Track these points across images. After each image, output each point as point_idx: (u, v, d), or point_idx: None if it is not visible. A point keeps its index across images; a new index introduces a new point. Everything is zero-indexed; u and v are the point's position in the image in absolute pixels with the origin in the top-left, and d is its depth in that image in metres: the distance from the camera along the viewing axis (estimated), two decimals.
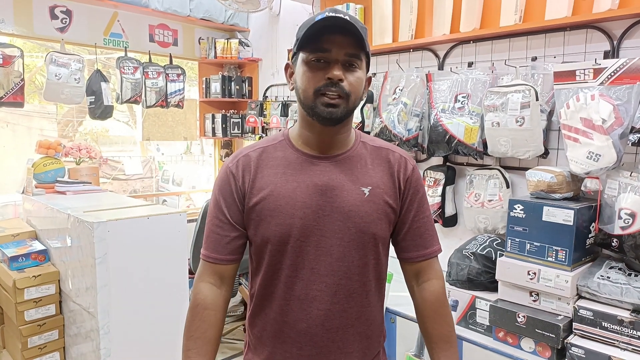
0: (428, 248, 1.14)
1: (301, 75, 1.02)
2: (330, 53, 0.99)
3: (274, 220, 1.04)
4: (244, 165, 1.09)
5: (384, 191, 1.08)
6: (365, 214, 1.05)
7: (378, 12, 2.69)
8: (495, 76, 2.21)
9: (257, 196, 1.06)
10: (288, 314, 1.06)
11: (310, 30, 0.98)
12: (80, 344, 2.38)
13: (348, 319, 1.07)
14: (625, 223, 1.67)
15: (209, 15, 3.71)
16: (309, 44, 1.00)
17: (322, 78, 0.99)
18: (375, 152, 1.12)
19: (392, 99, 2.51)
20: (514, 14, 2.10)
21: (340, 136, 1.08)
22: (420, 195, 1.13)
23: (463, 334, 1.96)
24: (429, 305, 1.14)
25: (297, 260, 1.05)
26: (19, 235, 2.69)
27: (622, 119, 1.70)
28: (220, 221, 1.09)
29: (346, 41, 0.98)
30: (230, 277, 1.13)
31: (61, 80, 2.99)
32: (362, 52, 1.01)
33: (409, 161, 1.13)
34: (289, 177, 1.06)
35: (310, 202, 1.04)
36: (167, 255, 2.36)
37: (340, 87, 0.99)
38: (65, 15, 3.14)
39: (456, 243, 2.29)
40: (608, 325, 1.61)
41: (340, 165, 1.07)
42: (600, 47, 1.94)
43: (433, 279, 1.14)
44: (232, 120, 3.93)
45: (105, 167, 9.29)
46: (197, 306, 1.10)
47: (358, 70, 1.02)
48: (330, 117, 1.00)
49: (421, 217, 1.13)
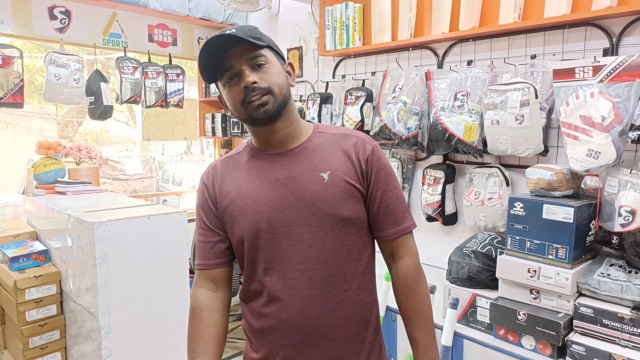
0: (399, 225, 1.15)
1: (226, 98, 1.10)
2: (235, 67, 1.05)
3: (243, 219, 1.10)
4: (213, 174, 1.18)
5: (344, 172, 1.10)
6: (328, 196, 1.08)
7: (377, 10, 2.69)
8: (495, 74, 2.21)
9: (226, 199, 1.13)
10: (271, 305, 1.10)
11: (207, 60, 1.06)
12: (82, 344, 2.38)
13: (329, 303, 1.08)
14: (625, 220, 1.67)
15: (208, 15, 3.71)
16: (215, 71, 1.07)
17: (240, 90, 1.05)
18: (333, 139, 1.15)
19: (392, 97, 2.51)
20: (513, 12, 2.10)
21: (286, 130, 1.12)
22: (384, 173, 1.14)
23: (463, 331, 1.96)
24: (400, 281, 1.17)
25: (271, 252, 1.09)
26: (19, 235, 2.69)
27: (622, 117, 1.70)
28: (202, 229, 1.19)
29: (241, 50, 1.05)
30: (224, 280, 1.19)
31: (60, 81, 2.99)
32: (262, 49, 1.07)
33: (367, 142, 1.15)
34: (252, 177, 1.13)
35: (273, 195, 1.09)
36: (168, 254, 2.36)
37: (258, 89, 1.05)
38: (64, 15, 3.14)
39: (456, 241, 2.29)
40: (608, 323, 1.61)
41: (298, 157, 1.12)
42: (600, 45, 1.94)
43: (406, 256, 1.17)
44: (232, 120, 3.93)
45: (105, 167, 9.30)
46: (194, 310, 1.17)
47: (267, 65, 1.07)
48: (266, 115, 1.06)
49: (389, 195, 1.14)
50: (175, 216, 2.40)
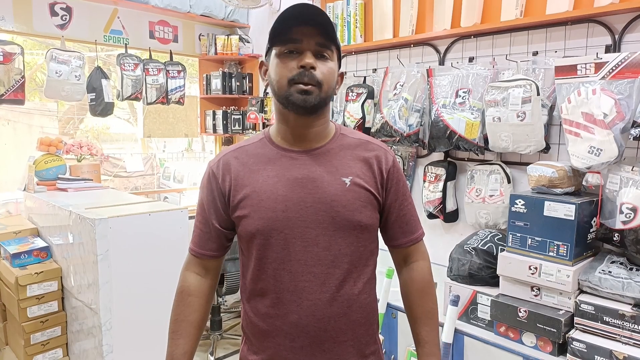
0: (414, 233, 1.19)
1: (274, 67, 1.05)
2: (301, 43, 1.01)
3: (257, 215, 1.07)
4: (225, 166, 1.13)
5: (364, 180, 1.10)
6: (347, 202, 1.07)
7: (378, 7, 2.68)
8: (496, 71, 2.20)
9: (241, 193, 1.09)
10: (279, 306, 1.08)
11: (279, 23, 1.01)
12: (83, 340, 2.39)
13: (339, 307, 1.08)
14: (627, 218, 1.67)
15: (209, 12, 3.71)
16: (279, 37, 1.03)
17: (295, 67, 1.01)
18: (355, 144, 1.14)
19: (393, 94, 2.51)
20: (515, 8, 2.10)
21: (316, 128, 1.10)
22: (402, 184, 1.16)
23: (464, 329, 1.96)
24: (416, 283, 1.19)
25: (284, 252, 1.07)
26: (20, 232, 2.70)
27: (624, 114, 1.70)
28: (203, 218, 1.17)
29: (316, 32, 1.01)
30: (214, 268, 1.21)
31: (62, 78, 2.99)
32: (332, 44, 1.04)
33: (388, 153, 1.16)
34: (269, 172, 1.09)
35: (291, 195, 1.06)
36: (169, 251, 2.37)
37: (312, 75, 1.01)
38: (65, 12, 3.13)
39: (457, 238, 2.29)
40: (609, 320, 1.61)
41: (319, 157, 1.10)
42: (602, 42, 1.93)
43: (420, 260, 1.20)
44: (233, 117, 3.93)
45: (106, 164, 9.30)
46: (182, 292, 1.18)
47: (329, 60, 1.05)
48: (305, 104, 1.02)
49: (405, 205, 1.17)
50: (177, 213, 2.40)
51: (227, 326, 3.45)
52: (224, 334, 3.30)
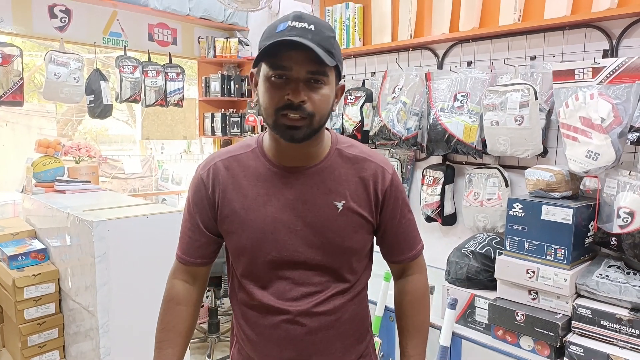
0: (412, 250, 1.16)
1: (263, 92, 0.96)
2: (291, 71, 0.92)
3: (245, 234, 1.03)
4: (214, 175, 1.07)
5: (358, 204, 1.05)
6: (338, 228, 1.03)
7: (377, 11, 2.69)
8: (495, 75, 2.21)
9: (228, 208, 1.05)
10: (268, 318, 1.06)
11: (269, 43, 0.91)
12: (80, 342, 2.38)
13: (328, 321, 1.06)
14: (624, 222, 1.67)
15: (208, 14, 3.72)
16: (268, 59, 0.94)
17: (282, 98, 0.92)
18: (351, 162, 1.07)
19: (392, 98, 2.51)
20: (513, 13, 2.11)
21: (309, 150, 1.04)
22: (400, 201, 1.12)
23: (462, 332, 1.96)
24: (409, 295, 1.18)
25: (271, 272, 1.04)
26: (18, 234, 2.69)
27: (621, 118, 1.70)
28: (191, 225, 1.11)
29: (307, 57, 0.90)
30: (203, 275, 1.17)
31: (60, 80, 3.00)
32: (328, 67, 0.93)
33: (386, 170, 1.09)
34: (260, 190, 1.04)
35: (281, 217, 1.02)
36: (167, 254, 2.34)
37: (302, 109, 0.93)
38: (64, 14, 3.14)
39: (455, 242, 2.30)
40: (607, 324, 1.61)
41: (312, 177, 1.04)
42: (600, 46, 1.94)
43: (417, 272, 1.19)
44: (232, 119, 3.94)
45: (104, 166, 9.29)
46: (170, 301, 1.15)
47: (324, 86, 0.95)
48: (292, 139, 0.96)
49: (404, 222, 1.13)
50: (174, 215, 2.39)
51: (224, 329, 3.45)
52: (221, 336, 3.30)
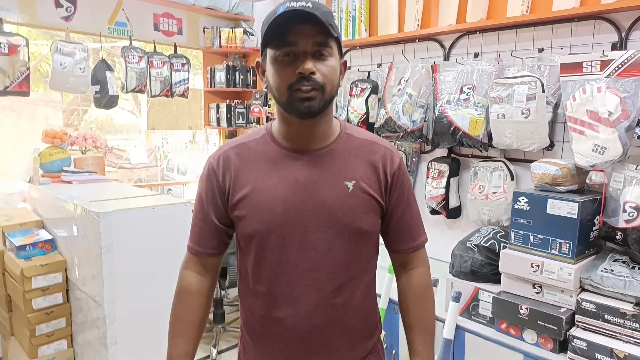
0: (416, 240, 1.15)
1: (272, 73, 0.99)
2: (297, 46, 0.95)
3: (256, 216, 1.04)
4: (225, 163, 1.09)
5: (368, 185, 1.06)
6: (349, 208, 1.04)
7: (383, 2, 2.67)
8: (501, 67, 2.19)
9: (240, 193, 1.06)
10: (275, 310, 1.06)
11: (272, 25, 0.94)
12: (87, 331, 2.41)
13: (336, 313, 1.07)
14: (630, 216, 1.67)
15: (214, 4, 3.70)
16: (274, 39, 0.96)
17: (293, 73, 0.95)
18: (360, 145, 1.09)
19: (397, 89, 2.50)
20: (521, 4, 2.08)
21: (320, 128, 1.06)
22: (407, 188, 1.12)
23: (466, 325, 1.97)
24: (413, 290, 1.16)
25: (281, 255, 1.04)
26: (26, 224, 2.72)
27: (629, 112, 1.69)
28: (202, 215, 1.13)
29: (311, 30, 0.94)
30: (214, 266, 1.18)
31: (66, 70, 3.00)
32: (331, 39, 0.97)
33: (395, 154, 1.11)
34: (270, 172, 1.05)
35: (291, 197, 1.03)
36: (172, 245, 2.37)
37: (313, 80, 0.95)
38: (69, 3, 3.13)
39: (460, 235, 2.30)
40: (611, 318, 1.62)
41: (322, 159, 1.06)
42: (608, 39, 1.92)
43: (420, 266, 1.17)
44: (237, 110, 3.93)
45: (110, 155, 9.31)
46: (181, 292, 1.16)
47: (330, 58, 0.98)
48: (308, 111, 0.98)
49: (409, 210, 1.13)
50: (180, 206, 2.41)
51: (229, 319, 3.48)
52: (226, 326, 3.33)
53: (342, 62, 1.05)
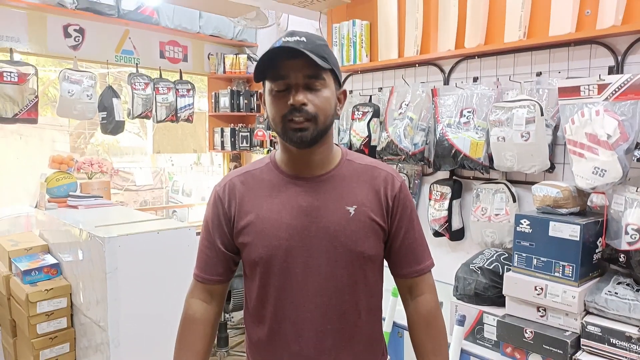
0: (420, 264, 1.15)
1: (269, 104, 1.03)
2: (289, 79, 0.99)
3: (260, 243, 1.06)
4: (230, 190, 1.12)
5: (370, 209, 1.07)
6: (351, 232, 1.05)
7: (383, 27, 2.72)
8: (500, 91, 2.22)
9: (244, 220, 1.08)
10: (280, 335, 1.07)
11: (265, 60, 0.99)
12: (91, 356, 2.41)
13: (341, 339, 1.07)
14: (632, 239, 1.66)
15: (218, 32, 3.78)
16: (268, 74, 1.01)
17: (286, 105, 0.99)
18: (361, 170, 1.12)
19: (398, 113, 2.53)
20: (518, 30, 2.12)
21: (319, 156, 1.08)
22: (409, 211, 1.13)
23: (470, 349, 1.95)
24: (422, 318, 1.15)
25: (286, 281, 1.06)
26: (32, 248, 2.74)
27: (627, 135, 1.70)
28: (209, 242, 1.15)
29: (302, 64, 0.98)
30: (220, 294, 1.19)
31: (74, 97, 3.07)
32: (323, 71, 1.00)
33: (396, 178, 1.13)
34: (274, 199, 1.08)
35: (295, 223, 1.05)
36: (177, 269, 2.39)
37: (305, 111, 0.99)
38: (78, 33, 3.22)
39: (463, 257, 2.29)
40: (616, 342, 1.60)
41: (324, 185, 1.08)
42: (605, 63, 1.95)
43: (426, 293, 1.16)
44: (241, 134, 3.98)
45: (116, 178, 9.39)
46: (187, 320, 1.17)
47: (323, 89, 1.01)
48: (301, 141, 1.01)
49: (412, 234, 1.13)
50: (184, 231, 2.43)
51: (233, 342, 3.46)
52: (230, 350, 3.30)
53: (340, 92, 1.09)
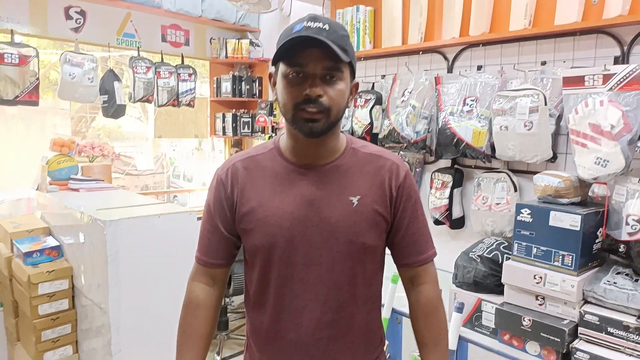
0: (423, 254, 1.14)
1: (281, 89, 1.01)
2: (307, 67, 0.97)
3: (262, 230, 1.05)
4: (233, 175, 1.11)
5: (373, 200, 1.06)
6: (353, 224, 1.04)
7: (388, 14, 2.70)
8: (504, 80, 2.21)
9: (246, 206, 1.08)
10: (279, 323, 1.07)
11: (286, 43, 0.96)
12: (92, 338, 2.43)
13: (339, 329, 1.07)
14: (633, 229, 1.67)
15: (220, 16, 3.75)
16: (286, 56, 0.98)
17: (300, 94, 0.97)
18: (366, 159, 1.10)
19: (401, 101, 2.52)
20: (524, 18, 2.10)
21: (326, 146, 1.07)
22: (413, 201, 1.12)
23: (468, 335, 1.97)
24: (422, 307, 1.15)
25: (286, 270, 1.06)
26: (33, 231, 2.75)
27: (631, 125, 1.70)
28: (211, 226, 1.14)
29: (322, 54, 0.95)
30: (222, 277, 1.19)
31: (75, 80, 3.05)
32: (342, 63, 0.98)
33: (400, 168, 1.11)
34: (276, 187, 1.07)
35: (297, 213, 1.04)
36: (177, 253, 2.39)
37: (319, 103, 0.97)
38: (79, 15, 3.19)
39: (463, 245, 2.30)
40: (614, 331, 1.62)
41: (328, 174, 1.07)
42: (610, 53, 1.93)
43: (428, 282, 1.16)
44: (242, 120, 3.97)
45: (117, 162, 9.38)
46: (190, 304, 1.16)
47: (339, 82, 0.99)
48: (311, 131, 1.00)
49: (415, 224, 1.12)
50: (185, 215, 2.43)
51: (233, 326, 3.49)
52: (230, 334, 3.34)
53: (353, 85, 1.07)
